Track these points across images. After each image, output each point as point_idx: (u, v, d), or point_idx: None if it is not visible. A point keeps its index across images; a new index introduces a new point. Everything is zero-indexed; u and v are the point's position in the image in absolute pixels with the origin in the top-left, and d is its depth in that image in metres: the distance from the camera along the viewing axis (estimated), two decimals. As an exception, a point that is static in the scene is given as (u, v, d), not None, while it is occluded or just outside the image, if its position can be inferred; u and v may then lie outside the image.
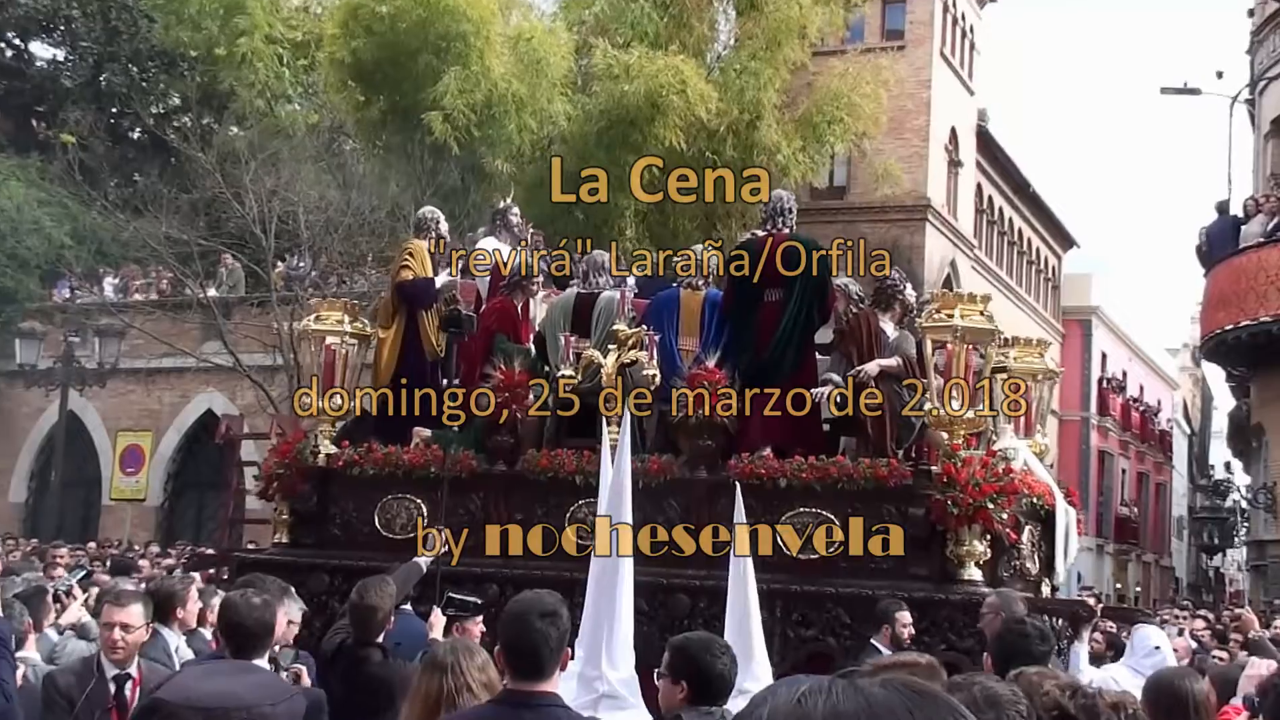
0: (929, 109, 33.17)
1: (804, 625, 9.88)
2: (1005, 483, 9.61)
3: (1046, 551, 10.75)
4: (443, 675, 4.91)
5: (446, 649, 5.15)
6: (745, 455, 10.20)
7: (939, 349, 10.03)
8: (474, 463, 10.84)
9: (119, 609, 6.55)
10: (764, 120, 27.51)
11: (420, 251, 11.67)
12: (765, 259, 10.71)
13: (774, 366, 10.58)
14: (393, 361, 11.49)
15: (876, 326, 10.56)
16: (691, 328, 10.92)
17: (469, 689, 4.87)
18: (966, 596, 9.41)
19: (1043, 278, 43.38)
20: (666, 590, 10.11)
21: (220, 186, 26.58)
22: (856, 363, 10.41)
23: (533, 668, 4.60)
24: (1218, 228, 28.98)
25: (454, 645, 5.21)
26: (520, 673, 4.65)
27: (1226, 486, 35.38)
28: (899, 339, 10.62)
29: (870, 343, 10.45)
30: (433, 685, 4.93)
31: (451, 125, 25.34)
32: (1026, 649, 6.00)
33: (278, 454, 11.21)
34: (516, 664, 4.67)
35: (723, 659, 5.39)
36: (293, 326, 25.58)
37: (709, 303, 10.96)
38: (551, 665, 4.62)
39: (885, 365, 10.33)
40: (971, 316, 9.80)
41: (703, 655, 5.36)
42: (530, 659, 4.59)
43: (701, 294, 11.04)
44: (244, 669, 5.43)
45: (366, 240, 27.61)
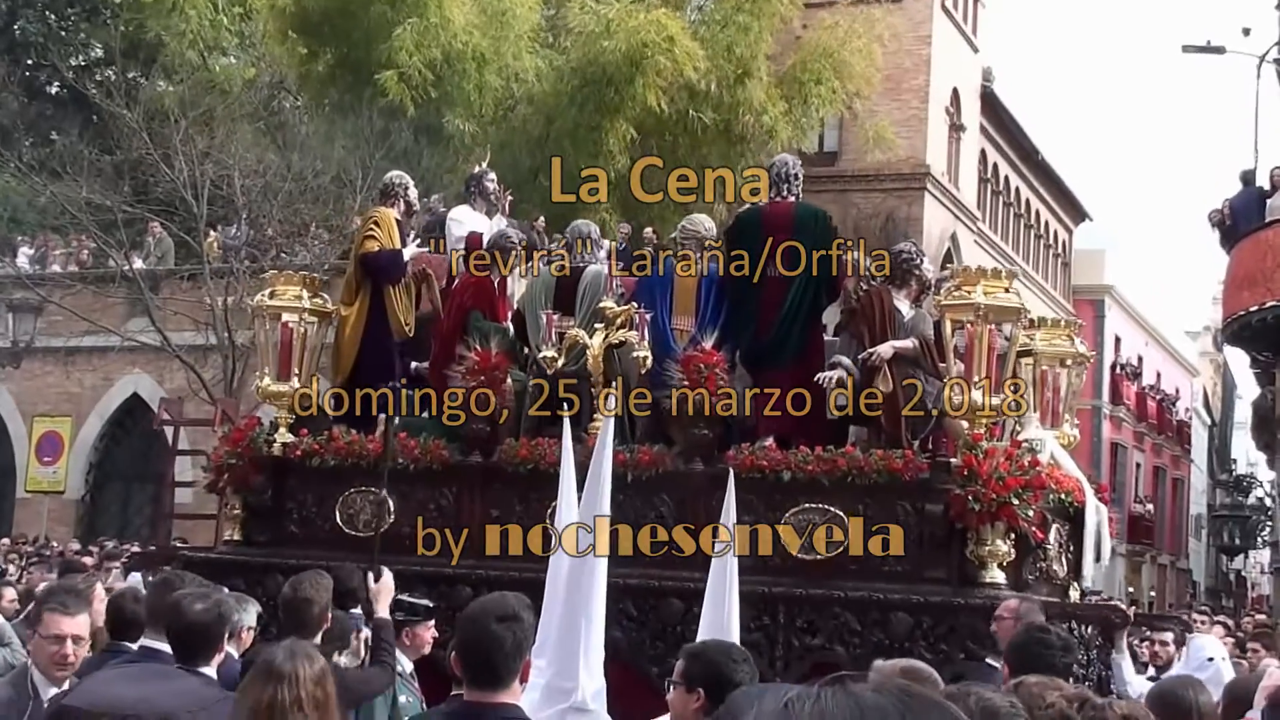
0: (928, 67, 33.29)
1: (809, 633, 9.87)
2: (1032, 476, 9.61)
3: (1075, 553, 10.79)
4: (277, 685, 4.61)
5: (285, 654, 4.77)
6: (745, 446, 10.20)
7: (959, 330, 10.05)
8: (446, 453, 10.82)
9: (67, 618, 6.04)
10: (750, 79, 27.53)
11: (387, 220, 11.63)
12: (768, 230, 10.72)
13: (777, 348, 10.57)
14: (356, 341, 11.47)
15: (890, 305, 10.55)
16: (686, 305, 10.89)
17: (299, 706, 4.59)
18: (988, 601, 9.39)
19: (1052, 254, 43.62)
20: (658, 594, 10.11)
21: (147, 147, 26.44)
22: (868, 344, 10.40)
23: (488, 675, 4.63)
24: (1242, 200, 29.06)
25: (293, 650, 4.84)
26: (476, 681, 4.70)
27: (1249, 482, 35.65)
28: (915, 318, 10.62)
29: (884, 322, 10.46)
30: (263, 695, 4.62)
31: (407, 85, 25.26)
32: (1049, 660, 6.10)
33: (229, 442, 11.16)
34: (472, 671, 4.71)
35: (743, 667, 5.41)
36: (227, 302, 25.58)
37: (706, 278, 10.95)
38: (509, 673, 4.65)
39: (900, 347, 10.32)
40: (995, 294, 9.80)
41: (723, 663, 5.39)
42: (486, 666, 4.63)
43: (698, 268, 11.03)
44: (165, 674, 5.39)
45: (308, 207, 27.50)
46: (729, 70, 27.30)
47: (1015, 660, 6.24)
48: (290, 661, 4.68)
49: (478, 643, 4.67)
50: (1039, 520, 9.83)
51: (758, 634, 9.96)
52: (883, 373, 10.28)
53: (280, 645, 5.00)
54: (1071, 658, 6.52)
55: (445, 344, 11.09)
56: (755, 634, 9.96)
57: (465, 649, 4.77)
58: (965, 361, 9.90)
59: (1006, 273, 9.99)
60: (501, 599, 4.84)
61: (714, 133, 27.69)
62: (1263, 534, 34.79)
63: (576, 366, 10.66)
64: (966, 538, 9.70)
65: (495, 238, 11.42)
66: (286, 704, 4.56)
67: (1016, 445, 9.86)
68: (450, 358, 10.89)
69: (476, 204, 12.25)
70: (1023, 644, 6.42)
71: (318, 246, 27.43)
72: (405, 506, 10.86)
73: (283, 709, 4.56)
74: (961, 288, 9.92)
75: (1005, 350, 10.01)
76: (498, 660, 4.62)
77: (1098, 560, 10.84)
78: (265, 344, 11.34)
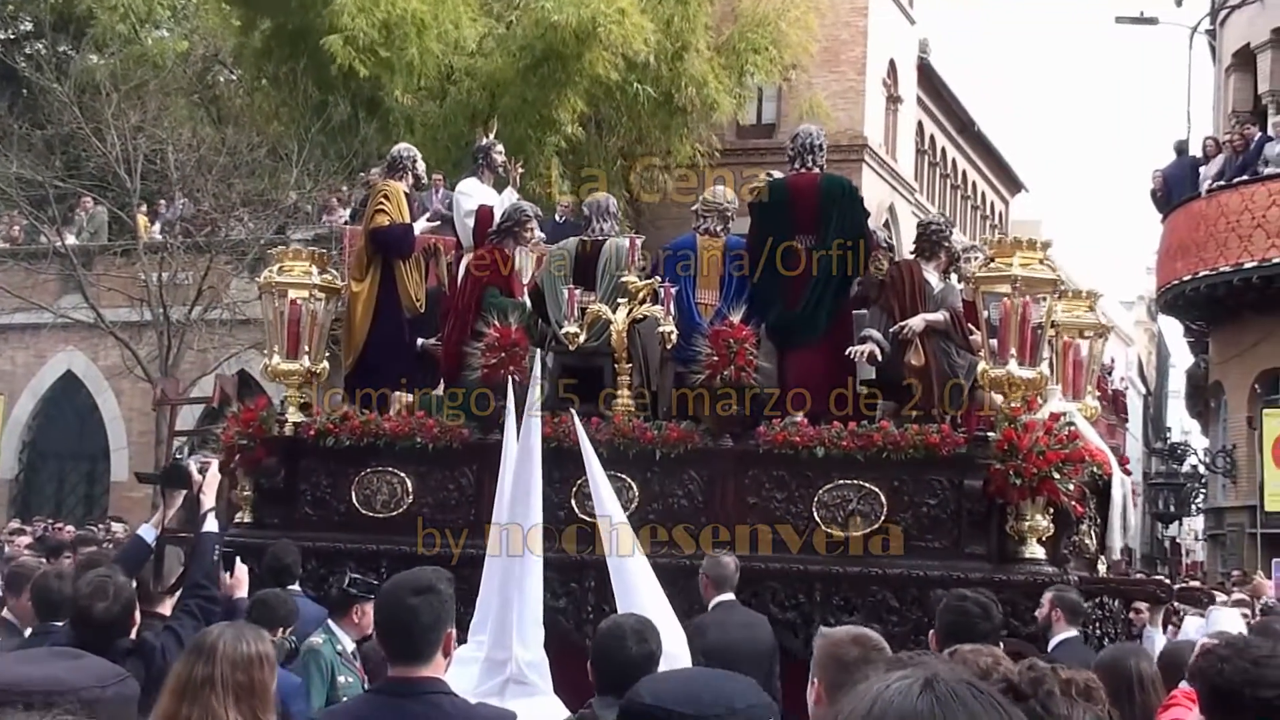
0: (865, 39, 33.24)
1: (846, 610, 9.71)
2: (1071, 449, 9.52)
3: (1101, 526, 10.72)
4: (196, 661, 4.55)
5: (219, 632, 4.71)
6: (776, 422, 10.02)
7: (992, 302, 9.91)
8: (465, 432, 10.56)
9: None
10: (689, 52, 27.41)
11: (396, 194, 11.34)
12: (794, 201, 10.53)
13: (807, 322, 10.39)
14: (367, 318, 11.21)
15: (920, 277, 10.41)
16: (711, 279, 10.71)
17: (214, 686, 4.48)
18: (1029, 577, 9.32)
19: (988, 224, 43.89)
20: (688, 574, 9.89)
21: (79, 121, 26.13)
22: (899, 317, 10.25)
23: (406, 649, 4.62)
24: (1175, 170, 29.30)
25: (232, 631, 4.72)
26: (396, 656, 4.70)
27: (1183, 450, 35.90)
28: (944, 290, 10.48)
29: (914, 295, 10.31)
30: (183, 670, 4.59)
31: (354, 48, 24.87)
32: (974, 627, 6.21)
33: (240, 423, 10.84)
34: (389, 645, 4.75)
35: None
36: (161, 278, 25.12)
37: (730, 251, 10.74)
38: (428, 646, 4.61)
39: (931, 320, 10.20)
40: (1031, 265, 9.69)
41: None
42: (402, 639, 4.63)
43: (721, 241, 10.82)
44: (67, 654, 5.16)
45: (244, 182, 27.06)
46: (668, 43, 27.14)
47: (944, 629, 6.33)
48: (219, 640, 4.60)
49: (394, 617, 4.68)
50: (1079, 494, 9.74)
51: (792, 613, 9.83)
52: (914, 346, 10.14)
53: (223, 626, 4.92)
54: (991, 624, 6.50)
55: (461, 320, 10.81)
56: (790, 613, 9.83)
57: (382, 624, 4.83)
58: (1000, 334, 9.74)
59: (1042, 244, 9.85)
60: (420, 573, 4.82)
61: (655, 105, 27.54)
62: (1196, 501, 35.06)
63: (598, 342, 10.43)
64: (1006, 513, 9.58)
65: (510, 210, 11.14)
66: (199, 681, 4.50)
67: (1055, 418, 9.74)
68: (465, 334, 10.63)
69: (484, 176, 11.95)
70: (950, 611, 6.51)
71: (251, 222, 27.01)
72: (423, 486, 10.62)
73: (194, 686, 4.50)
74: (997, 259, 9.78)
75: (1040, 323, 9.85)
76: (415, 634, 4.60)
77: (1125, 532, 10.79)
78: (274, 321, 11.01)
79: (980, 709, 1.77)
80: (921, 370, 10.12)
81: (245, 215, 27.25)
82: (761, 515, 10.04)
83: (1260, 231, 25.84)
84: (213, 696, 4.47)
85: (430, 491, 10.66)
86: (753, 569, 9.79)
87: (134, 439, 27.97)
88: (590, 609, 9.91)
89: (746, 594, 9.81)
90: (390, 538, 10.56)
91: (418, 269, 11.44)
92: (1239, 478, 28.30)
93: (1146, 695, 5.71)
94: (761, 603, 9.66)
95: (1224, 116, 31.53)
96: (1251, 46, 29.89)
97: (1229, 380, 29.02)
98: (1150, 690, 5.74)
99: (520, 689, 6.26)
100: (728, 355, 9.94)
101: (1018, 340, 9.62)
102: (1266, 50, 29.44)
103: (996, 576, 9.40)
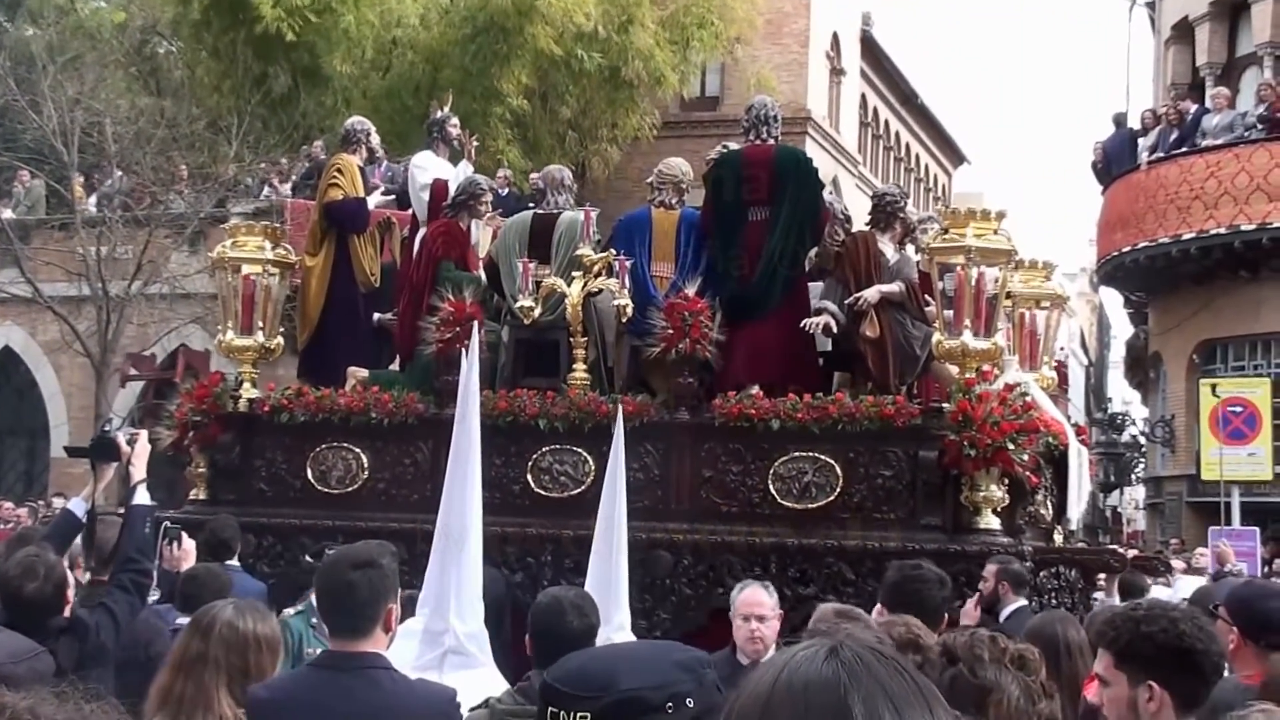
0: (809, 12, 33.29)
1: (802, 582, 9.74)
2: (1025, 420, 9.56)
3: (1059, 496, 10.79)
4: (193, 636, 4.62)
5: (222, 608, 4.76)
6: (731, 394, 10.03)
7: (947, 272, 9.94)
8: (420, 406, 10.53)
9: None
10: (634, 25, 27.35)
11: (350, 168, 11.28)
12: (748, 173, 10.53)
13: (762, 293, 10.39)
14: (321, 292, 11.13)
15: (875, 249, 10.42)
16: (666, 251, 10.68)
17: (208, 663, 4.53)
18: (984, 547, 9.37)
19: (931, 196, 44.07)
20: (646, 546, 9.89)
21: (14, 94, 25.97)
22: (854, 289, 10.26)
23: (345, 623, 4.62)
24: (1115, 142, 29.52)
25: (232, 610, 4.76)
26: (335, 630, 4.69)
27: (1123, 420, 36.30)
28: (900, 262, 10.50)
29: (869, 266, 10.33)
30: (181, 644, 4.65)
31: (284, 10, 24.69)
32: (926, 595, 6.20)
33: (194, 399, 10.75)
34: (329, 619, 4.78)
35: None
36: (100, 252, 24.90)
37: (685, 223, 10.72)
38: (367, 620, 4.59)
39: (886, 291, 10.21)
40: (986, 235, 9.72)
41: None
42: (342, 612, 4.63)
43: (676, 213, 10.80)
44: None
45: (183, 155, 26.91)
46: (614, 15, 27.07)
47: (891, 599, 6.25)
48: (220, 617, 4.65)
49: (334, 591, 4.67)
50: (1034, 464, 9.80)
51: (750, 585, 9.85)
52: (869, 317, 10.16)
53: (228, 602, 4.95)
54: (945, 591, 6.51)
55: (415, 294, 10.75)
56: (747, 585, 9.85)
57: (323, 597, 4.86)
58: (955, 305, 9.77)
59: (996, 214, 9.89)
60: (362, 547, 4.82)
61: (600, 78, 27.49)
62: (1136, 471, 35.49)
63: (554, 316, 10.41)
64: (961, 484, 9.63)
65: (464, 184, 11.07)
66: (194, 656, 4.54)
67: (1010, 389, 9.78)
68: (421, 308, 10.58)
69: (439, 149, 11.84)
70: (897, 582, 6.42)
71: (190, 194, 26.81)
72: (379, 462, 10.58)
73: (189, 661, 4.54)
74: (951, 230, 9.82)
75: (994, 293, 9.90)
76: (354, 608, 4.59)
77: (1078, 503, 10.87)
78: (227, 297, 10.93)
79: (886, 674, 1.77)
80: (877, 342, 10.14)
81: (185, 189, 27.03)
82: (717, 488, 10.05)
83: (1198, 203, 26.09)
84: (206, 673, 4.49)
85: (386, 467, 10.61)
86: (709, 542, 9.85)
87: (74, 414, 27.72)
88: (546, 583, 9.90)
89: (703, 566, 9.88)
90: (346, 513, 10.51)
91: (372, 243, 11.39)
92: (1177, 447, 28.60)
93: (1073, 662, 5.71)
94: (718, 575, 9.69)
95: (1163, 89, 31.79)
96: (1190, 19, 30.10)
97: (1168, 351, 29.31)
98: (1078, 656, 5.74)
99: (459, 659, 6.31)
100: (683, 328, 9.94)
101: (972, 311, 9.66)
102: (1205, 23, 29.66)
103: (952, 547, 9.44)
